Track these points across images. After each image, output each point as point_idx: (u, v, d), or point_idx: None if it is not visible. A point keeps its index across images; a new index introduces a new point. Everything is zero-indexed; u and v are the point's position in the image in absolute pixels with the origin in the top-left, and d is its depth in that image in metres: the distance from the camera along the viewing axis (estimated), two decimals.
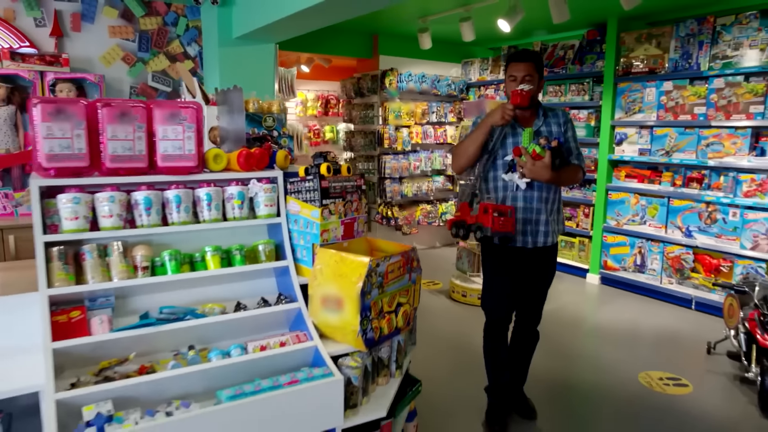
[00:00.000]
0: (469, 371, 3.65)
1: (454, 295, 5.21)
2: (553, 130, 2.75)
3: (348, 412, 1.86)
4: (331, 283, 1.90)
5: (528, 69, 2.66)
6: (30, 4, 3.76)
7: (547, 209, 2.77)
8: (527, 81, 2.63)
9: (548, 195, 2.76)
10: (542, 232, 2.77)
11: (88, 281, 1.78)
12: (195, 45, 4.46)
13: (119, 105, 1.78)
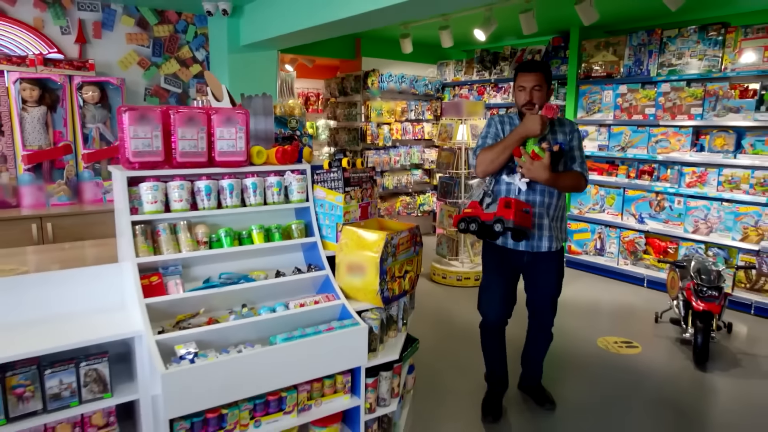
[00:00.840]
0: (450, 337, 4.19)
1: (435, 278, 5.72)
2: (558, 138, 2.74)
3: (370, 355, 2.34)
4: (355, 253, 2.38)
5: (537, 79, 2.68)
6: (57, 13, 4.10)
7: (549, 215, 2.77)
8: (536, 91, 2.67)
9: (550, 201, 2.76)
10: (545, 237, 2.78)
11: (164, 252, 2.21)
12: (202, 50, 4.85)
13: (187, 112, 2.22)
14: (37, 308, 2.16)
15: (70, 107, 3.97)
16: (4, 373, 1.87)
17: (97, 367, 2.02)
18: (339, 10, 3.39)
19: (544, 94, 2.71)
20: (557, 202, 2.81)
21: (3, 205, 3.79)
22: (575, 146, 2.80)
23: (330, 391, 2.31)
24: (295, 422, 2.21)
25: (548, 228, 2.78)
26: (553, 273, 2.94)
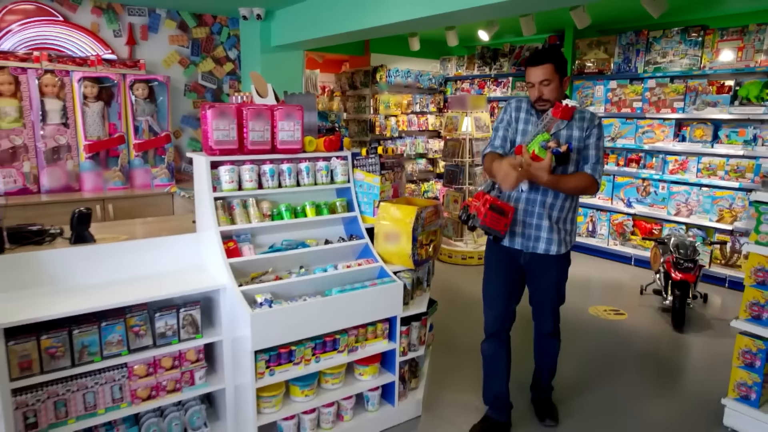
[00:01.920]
0: (459, 306, 4.71)
1: (442, 257, 6.22)
2: (574, 134, 2.51)
3: (403, 307, 2.85)
4: (391, 224, 2.87)
5: (545, 73, 2.42)
6: (110, 18, 4.55)
7: (552, 216, 2.59)
8: (545, 86, 2.44)
9: (554, 201, 2.57)
10: (544, 239, 2.60)
11: (237, 223, 2.70)
12: (234, 50, 5.32)
13: (256, 109, 2.70)
14: (135, 268, 2.64)
15: (123, 102, 4.43)
16: (124, 315, 2.36)
17: (191, 312, 2.52)
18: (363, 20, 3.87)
19: (556, 87, 2.44)
20: (563, 203, 2.59)
21: (67, 189, 4.25)
22: (591, 144, 2.52)
23: (372, 336, 2.81)
24: (345, 360, 2.72)
25: (548, 230, 2.59)
26: (551, 278, 2.72)
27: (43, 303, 2.24)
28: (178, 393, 2.53)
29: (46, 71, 4.11)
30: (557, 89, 2.47)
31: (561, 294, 2.84)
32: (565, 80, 2.50)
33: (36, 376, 2.17)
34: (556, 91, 2.46)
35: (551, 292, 2.78)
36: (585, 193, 2.60)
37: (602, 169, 2.58)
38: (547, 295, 2.78)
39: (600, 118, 2.61)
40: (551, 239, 2.61)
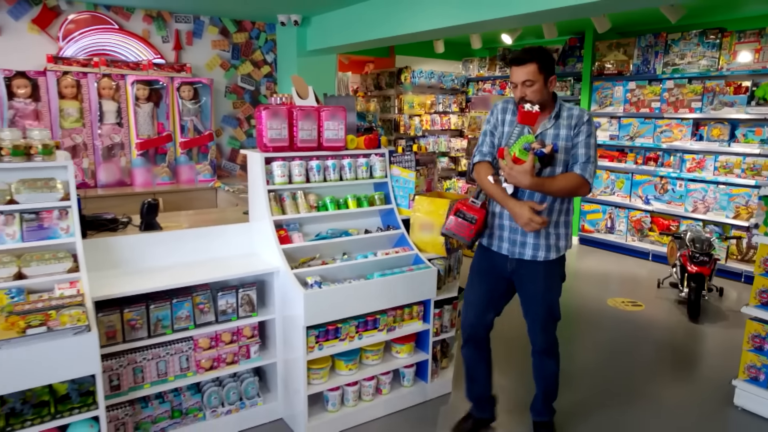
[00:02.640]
0: None
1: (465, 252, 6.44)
2: (561, 133, 2.41)
3: (437, 292, 3.10)
4: (425, 215, 3.12)
5: (527, 73, 2.31)
6: (159, 25, 4.87)
7: None
8: (527, 87, 2.32)
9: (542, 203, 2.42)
10: (530, 245, 2.49)
11: (287, 213, 2.98)
12: (271, 54, 5.62)
13: (305, 110, 2.97)
14: (197, 253, 2.93)
15: (171, 103, 4.75)
16: (191, 293, 2.65)
17: (249, 293, 2.80)
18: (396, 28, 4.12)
19: (540, 88, 2.34)
20: (552, 206, 2.46)
21: (120, 184, 4.58)
22: (581, 142, 2.40)
23: (408, 317, 3.06)
24: (384, 338, 2.98)
25: (535, 235, 2.47)
26: (538, 286, 2.56)
27: (123, 281, 2.54)
28: (236, 365, 2.82)
29: (104, 75, 4.45)
30: (542, 90, 2.35)
31: (551, 307, 2.60)
32: (551, 80, 2.37)
33: (119, 345, 2.46)
34: (540, 92, 2.35)
35: (539, 303, 2.58)
36: (575, 194, 2.44)
37: (594, 168, 2.43)
38: (535, 305, 2.59)
39: (590, 115, 2.47)
40: (538, 244, 2.49)
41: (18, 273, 2.28)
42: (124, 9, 4.81)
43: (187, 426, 2.74)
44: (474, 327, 2.70)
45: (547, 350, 2.68)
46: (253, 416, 2.90)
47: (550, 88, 2.40)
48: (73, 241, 2.44)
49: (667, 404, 3.23)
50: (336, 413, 2.90)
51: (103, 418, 2.23)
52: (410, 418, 3.03)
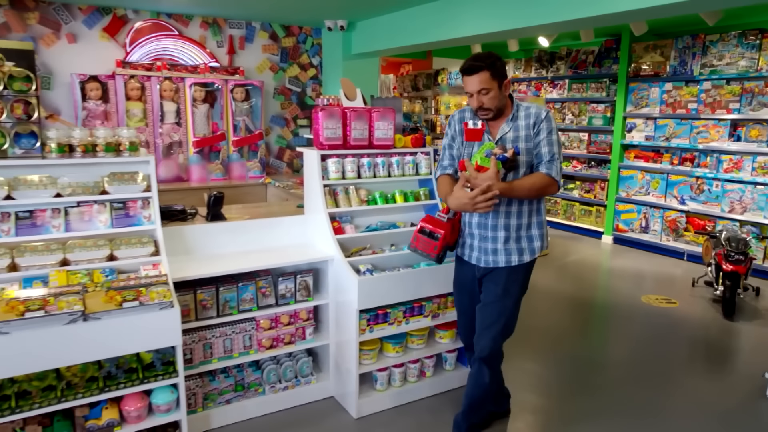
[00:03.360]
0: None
1: None
2: (520, 135, 2.41)
3: None
4: None
5: (482, 81, 2.32)
6: (215, 31, 5.19)
7: (510, 225, 2.46)
8: (484, 95, 2.34)
9: (509, 209, 2.44)
10: (501, 251, 2.47)
11: (341, 206, 3.21)
12: (317, 57, 5.89)
13: (358, 111, 3.20)
14: (258, 241, 3.19)
15: (225, 104, 5.05)
16: (254, 278, 2.90)
17: (306, 279, 3.04)
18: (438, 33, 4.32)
19: (495, 95, 2.35)
20: (521, 208, 2.46)
21: (178, 179, 4.90)
22: (542, 141, 2.38)
23: (451, 305, 3.25)
24: (429, 323, 3.18)
25: (504, 241, 2.46)
26: (498, 288, 2.50)
27: (195, 265, 2.80)
28: (292, 345, 3.06)
29: (166, 78, 4.77)
30: (497, 96, 2.36)
31: (505, 313, 2.51)
32: (505, 84, 2.38)
33: (192, 322, 2.73)
34: (496, 99, 2.36)
35: (497, 303, 2.51)
36: (545, 193, 2.42)
37: (560, 165, 2.40)
38: (489, 308, 2.52)
39: (548, 111, 2.44)
40: (510, 249, 2.47)
41: (110, 255, 2.57)
42: (184, 16, 5.15)
43: (248, 399, 2.99)
44: (468, 336, 2.75)
45: (488, 359, 2.55)
46: (307, 393, 3.14)
47: (505, 92, 2.41)
48: (154, 228, 2.72)
49: (700, 394, 3.34)
50: (384, 392, 3.12)
51: (182, 385, 2.49)
52: (452, 399, 3.23)
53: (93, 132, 2.63)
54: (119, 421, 2.38)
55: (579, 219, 7.66)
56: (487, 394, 2.66)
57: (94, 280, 2.44)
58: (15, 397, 2.17)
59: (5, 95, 2.44)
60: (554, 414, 3.09)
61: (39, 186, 2.49)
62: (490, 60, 2.33)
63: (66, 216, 2.55)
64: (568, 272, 5.75)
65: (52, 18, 4.78)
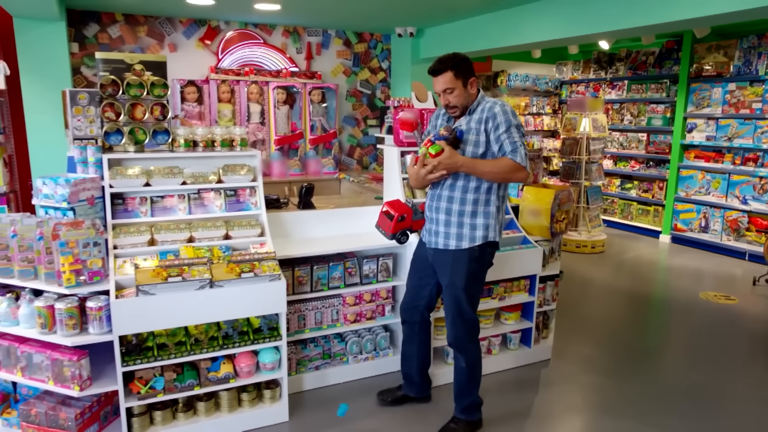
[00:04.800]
0: (571, 285, 5.28)
1: None
2: (471, 127, 2.53)
3: (542, 269, 3.55)
4: (533, 203, 3.58)
5: (446, 81, 2.46)
6: (295, 39, 5.65)
7: (451, 210, 2.57)
8: (448, 94, 2.49)
9: (451, 194, 2.57)
10: (442, 234, 2.61)
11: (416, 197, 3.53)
12: (386, 61, 6.26)
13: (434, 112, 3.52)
14: (343, 228, 3.56)
15: (303, 106, 5.49)
16: (342, 259, 3.27)
17: (386, 261, 3.39)
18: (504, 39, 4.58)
19: (460, 93, 2.49)
20: (465, 196, 2.55)
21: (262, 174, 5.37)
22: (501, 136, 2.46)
23: (516, 289, 3.53)
24: (496, 305, 3.47)
25: (445, 224, 2.59)
26: (446, 276, 2.63)
27: (292, 246, 3.20)
28: (373, 320, 3.41)
29: (252, 82, 5.25)
30: (463, 94, 2.49)
31: (458, 301, 2.62)
32: (470, 82, 2.50)
33: (290, 296, 3.12)
34: (462, 96, 2.50)
35: (447, 294, 2.65)
36: (512, 178, 2.48)
37: (524, 151, 2.46)
38: (446, 296, 2.68)
39: (502, 105, 2.51)
40: (449, 233, 2.58)
41: (226, 234, 3.00)
42: (268, 26, 5.64)
43: (334, 367, 3.36)
44: (407, 311, 2.93)
45: (454, 345, 2.71)
46: (384, 365, 3.48)
47: (470, 89, 2.53)
48: (260, 213, 3.13)
49: (759, 384, 3.47)
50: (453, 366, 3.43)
51: (284, 348, 2.89)
52: (515, 377, 3.50)
53: (211, 130, 3.06)
54: (233, 375, 2.79)
55: (636, 218, 7.71)
56: (467, 377, 2.75)
57: (214, 254, 2.87)
58: (156, 349, 2.61)
59: (146, 99, 2.90)
60: (614, 392, 3.32)
61: (169, 175, 2.94)
62: (453, 61, 2.48)
63: (189, 201, 2.99)
64: (625, 269, 5.88)
65: (158, 30, 5.36)
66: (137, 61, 2.90)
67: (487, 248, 2.63)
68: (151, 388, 2.62)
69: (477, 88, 2.59)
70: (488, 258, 2.68)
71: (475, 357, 2.74)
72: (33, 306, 2.50)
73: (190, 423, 2.76)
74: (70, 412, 2.52)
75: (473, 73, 2.55)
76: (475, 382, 2.79)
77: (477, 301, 2.72)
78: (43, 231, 2.48)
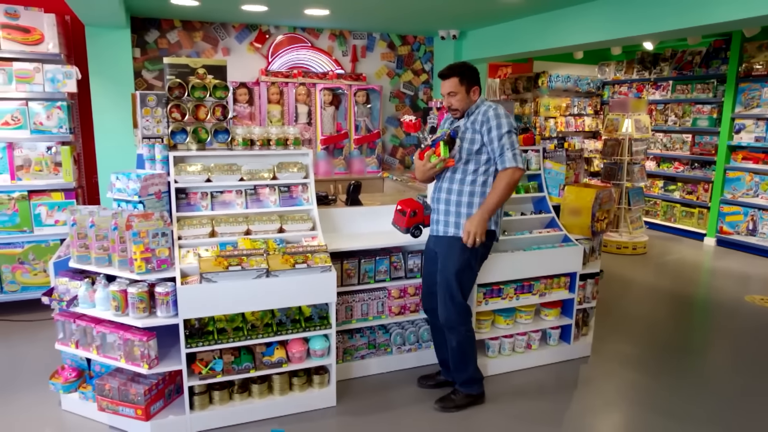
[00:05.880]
0: (611, 285, 5.26)
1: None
2: (467, 128, 2.84)
3: (582, 267, 3.59)
4: (574, 202, 3.63)
5: (451, 85, 2.78)
6: (341, 42, 5.83)
7: (452, 200, 2.87)
8: (451, 96, 2.80)
9: (450, 186, 2.88)
10: (442, 222, 2.92)
11: None
12: (429, 63, 6.38)
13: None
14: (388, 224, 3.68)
15: (348, 106, 5.66)
16: (389, 253, 3.41)
17: None
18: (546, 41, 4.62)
19: (462, 98, 2.80)
20: (462, 188, 2.85)
21: None
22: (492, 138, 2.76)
23: (557, 286, 3.59)
24: (536, 301, 3.54)
25: (444, 213, 2.90)
26: (442, 258, 2.91)
27: (341, 240, 3.34)
28: (416, 313, 3.52)
29: (300, 84, 5.46)
30: (464, 99, 2.81)
31: (448, 283, 2.87)
32: (473, 90, 2.82)
33: (339, 287, 3.27)
34: (463, 101, 2.81)
35: (441, 275, 2.91)
36: (513, 185, 2.77)
37: (512, 152, 2.73)
38: (440, 277, 2.92)
39: (495, 108, 2.79)
40: (448, 222, 2.88)
41: (280, 228, 3.17)
42: (315, 30, 5.85)
43: (378, 357, 3.49)
44: (425, 299, 3.20)
45: (446, 326, 2.98)
46: (426, 356, 3.59)
47: (472, 96, 2.85)
48: (311, 208, 3.29)
49: None
50: (494, 359, 3.52)
51: (333, 336, 3.04)
52: (554, 372, 3.56)
53: (267, 129, 3.24)
54: (286, 360, 2.96)
55: (680, 220, 7.57)
56: (459, 355, 3.00)
57: (269, 246, 3.04)
58: (216, 333, 2.80)
59: (208, 101, 3.11)
60: (654, 390, 3.34)
61: (228, 172, 3.13)
62: (461, 69, 2.81)
63: (246, 196, 3.18)
64: (667, 270, 5.81)
65: (212, 35, 5.63)
66: (200, 65, 3.10)
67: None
68: (211, 370, 2.81)
69: (479, 95, 2.89)
70: (482, 249, 2.93)
71: (465, 338, 2.98)
72: (108, 290, 2.72)
73: (245, 404, 2.94)
74: (139, 388, 2.74)
75: (477, 83, 2.87)
76: (467, 359, 3.02)
77: (468, 289, 2.99)
78: (117, 222, 2.70)
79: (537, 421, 2.97)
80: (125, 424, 2.80)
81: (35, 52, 4.15)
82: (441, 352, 3.26)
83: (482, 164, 2.85)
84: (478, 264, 3.00)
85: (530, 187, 3.83)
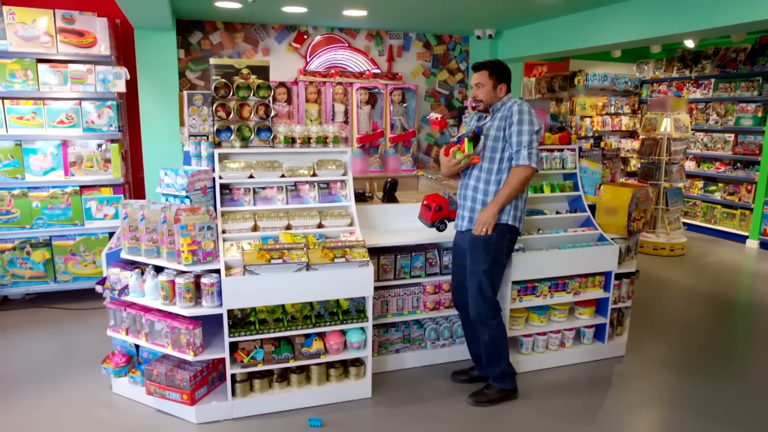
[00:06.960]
0: (648, 286, 5.18)
1: None
2: (494, 125, 2.93)
3: (618, 266, 3.57)
4: (610, 201, 3.61)
5: (479, 77, 2.91)
6: (377, 42, 5.92)
7: (477, 198, 2.98)
8: (477, 88, 2.94)
9: (476, 184, 2.97)
10: (467, 217, 3.03)
11: None
12: (464, 63, 6.41)
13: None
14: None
15: (384, 105, 5.74)
16: (424, 250, 3.46)
17: None
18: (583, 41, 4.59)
19: (488, 91, 2.91)
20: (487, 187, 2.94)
21: None
22: (513, 133, 2.85)
23: (591, 285, 3.58)
24: (571, 299, 3.54)
25: (469, 209, 3.00)
26: (470, 255, 2.98)
27: (377, 236, 3.41)
28: (451, 309, 3.56)
29: (337, 83, 5.56)
30: (490, 93, 2.92)
31: (478, 280, 2.94)
32: (500, 87, 2.92)
33: (375, 282, 3.33)
34: (488, 94, 2.93)
35: (470, 270, 2.98)
36: (525, 181, 2.87)
37: (527, 151, 2.82)
38: (470, 272, 2.99)
39: (520, 104, 2.87)
40: (472, 218, 2.98)
41: (319, 223, 3.26)
42: (352, 30, 5.95)
43: (413, 351, 3.55)
44: (455, 294, 3.25)
45: (477, 320, 3.04)
46: (459, 352, 3.62)
47: (498, 93, 2.94)
48: (349, 205, 3.38)
49: None
50: (528, 356, 3.54)
51: (369, 329, 3.11)
52: (587, 370, 3.55)
53: (308, 128, 3.34)
54: (324, 351, 3.05)
55: (720, 222, 7.39)
56: (492, 348, 3.06)
57: (309, 241, 3.14)
58: (257, 323, 2.90)
59: (252, 100, 3.22)
60: (690, 391, 3.30)
61: (270, 169, 3.24)
62: (492, 65, 2.95)
63: (287, 192, 3.29)
64: (706, 272, 5.69)
65: (253, 36, 5.79)
66: (245, 66, 3.22)
67: (506, 233, 2.96)
68: (252, 359, 2.92)
69: (506, 93, 2.98)
70: (506, 243, 3.00)
71: (497, 331, 3.03)
72: (157, 280, 2.86)
73: (284, 392, 3.04)
74: (185, 374, 2.87)
75: (506, 81, 2.97)
76: (499, 354, 3.07)
77: (497, 284, 3.06)
78: (166, 215, 2.83)
79: (570, 418, 2.98)
80: (172, 408, 2.94)
81: (88, 54, 4.35)
82: (474, 348, 3.30)
83: (506, 162, 2.93)
84: (506, 258, 3.06)
85: (566, 186, 3.83)
